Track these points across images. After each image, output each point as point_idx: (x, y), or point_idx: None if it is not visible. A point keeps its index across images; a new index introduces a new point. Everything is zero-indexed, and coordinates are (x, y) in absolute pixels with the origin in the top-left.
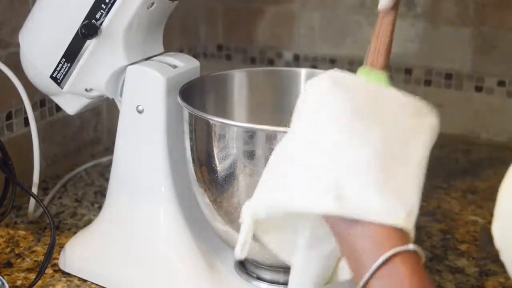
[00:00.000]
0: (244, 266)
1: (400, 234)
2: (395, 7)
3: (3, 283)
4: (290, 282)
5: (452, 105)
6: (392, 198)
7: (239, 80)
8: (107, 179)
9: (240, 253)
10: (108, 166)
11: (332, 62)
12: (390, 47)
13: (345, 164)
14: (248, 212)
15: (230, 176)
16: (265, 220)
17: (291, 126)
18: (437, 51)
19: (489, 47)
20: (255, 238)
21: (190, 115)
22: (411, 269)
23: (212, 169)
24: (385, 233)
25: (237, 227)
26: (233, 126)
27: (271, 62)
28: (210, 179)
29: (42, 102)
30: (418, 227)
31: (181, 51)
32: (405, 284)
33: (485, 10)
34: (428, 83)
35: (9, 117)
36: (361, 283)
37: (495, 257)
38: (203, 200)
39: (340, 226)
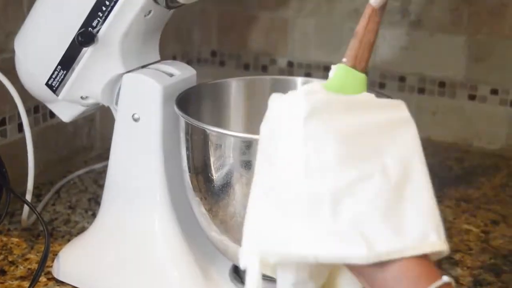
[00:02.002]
0: (238, 274)
1: (429, 263)
2: (383, 8)
3: None
4: None
5: (446, 113)
6: (416, 225)
7: (236, 88)
8: (100, 186)
9: None
10: (101, 172)
11: (326, 69)
12: (371, 51)
13: (357, 208)
14: (257, 257)
15: (226, 185)
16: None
17: (273, 153)
18: (431, 59)
19: (482, 55)
20: None
21: (187, 124)
22: None
23: (208, 178)
24: (417, 268)
25: (232, 236)
26: (230, 136)
27: (265, 69)
28: (206, 188)
29: (36, 108)
30: None
31: (174, 57)
32: None
33: (479, 18)
34: (421, 91)
35: (2, 123)
36: None
37: (489, 266)
38: (199, 209)
39: (369, 272)
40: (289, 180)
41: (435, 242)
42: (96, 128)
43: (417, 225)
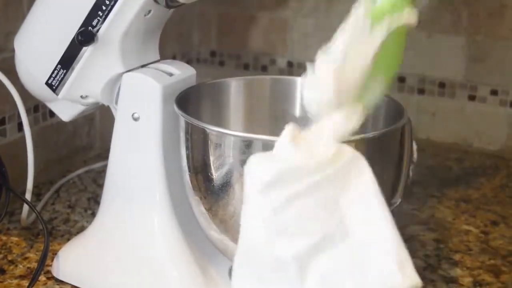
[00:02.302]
0: None
1: None
2: None
3: None
4: None
5: (445, 113)
6: (380, 273)
7: (235, 88)
8: (100, 186)
9: None
10: (101, 172)
11: None
12: None
13: (322, 270)
14: None
15: (226, 185)
16: None
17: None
18: (431, 59)
19: (482, 56)
20: None
21: (187, 123)
22: None
23: (208, 178)
24: None
25: (232, 236)
26: (229, 135)
27: (264, 69)
28: (206, 187)
29: (36, 108)
30: (411, 236)
31: (174, 56)
32: None
33: (478, 19)
34: (421, 91)
35: (2, 122)
36: None
37: (489, 267)
38: (199, 208)
39: None
40: (254, 245)
41: (400, 283)
42: (95, 128)
43: (381, 272)
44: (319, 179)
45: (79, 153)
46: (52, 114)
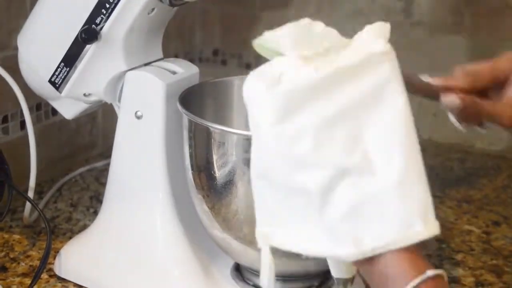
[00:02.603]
0: (240, 273)
1: (415, 256)
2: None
3: None
4: None
5: (447, 114)
6: (400, 216)
7: (239, 86)
8: (102, 184)
9: (268, 284)
10: (103, 170)
11: None
12: None
13: (343, 204)
14: (265, 241)
15: (229, 183)
16: None
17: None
18: (433, 60)
19: (484, 56)
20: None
21: (190, 121)
22: None
23: (211, 176)
24: (400, 263)
25: (234, 234)
26: (233, 133)
27: None
28: (208, 186)
29: (38, 106)
30: None
31: (176, 55)
32: None
33: (480, 19)
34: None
35: (4, 120)
36: None
37: (491, 267)
38: (201, 206)
39: (360, 266)
40: (276, 175)
41: (420, 231)
42: (98, 126)
43: (401, 215)
44: (338, 98)
45: (81, 151)
46: (54, 112)
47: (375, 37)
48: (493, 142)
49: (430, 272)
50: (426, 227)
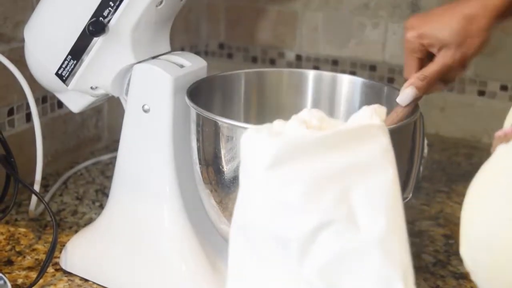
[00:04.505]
0: None
1: None
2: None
3: (5, 282)
4: None
5: (454, 108)
6: (380, 276)
7: (247, 80)
8: (107, 177)
9: None
10: (108, 164)
11: (334, 63)
12: None
13: (323, 257)
14: None
15: (237, 177)
16: None
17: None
18: None
19: (492, 51)
20: None
21: (198, 115)
22: None
23: (219, 170)
24: None
25: None
26: (241, 127)
27: (272, 62)
28: (216, 180)
29: (44, 99)
30: (421, 231)
31: (182, 49)
32: None
33: None
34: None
35: (10, 113)
36: None
37: None
38: (209, 201)
39: None
40: (253, 221)
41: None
42: (103, 119)
43: (381, 273)
44: (333, 157)
45: (87, 144)
46: (60, 105)
47: (372, 114)
48: None
49: None
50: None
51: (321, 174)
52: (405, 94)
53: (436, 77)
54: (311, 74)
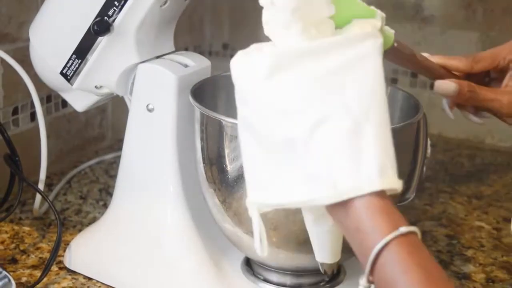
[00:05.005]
0: (251, 267)
1: (389, 206)
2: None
3: (9, 280)
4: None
5: (457, 109)
6: (374, 162)
7: None
8: (111, 177)
9: (260, 249)
10: (112, 163)
11: None
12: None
13: (323, 149)
14: (255, 207)
15: (241, 177)
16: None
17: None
18: (444, 55)
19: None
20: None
21: (202, 115)
22: (407, 251)
23: (222, 170)
24: (378, 213)
25: (246, 228)
26: None
27: None
28: (220, 179)
29: (48, 98)
30: (424, 231)
31: (186, 49)
32: (405, 264)
33: (493, 15)
34: (433, 86)
35: (15, 112)
36: (365, 273)
37: (502, 263)
38: (213, 200)
39: (336, 214)
40: (267, 135)
41: (392, 178)
42: (107, 119)
43: (375, 161)
44: (326, 63)
45: (91, 143)
46: (64, 104)
47: (365, 24)
48: (503, 138)
49: (403, 229)
50: (396, 179)
51: (314, 79)
52: (446, 85)
53: (480, 103)
54: None
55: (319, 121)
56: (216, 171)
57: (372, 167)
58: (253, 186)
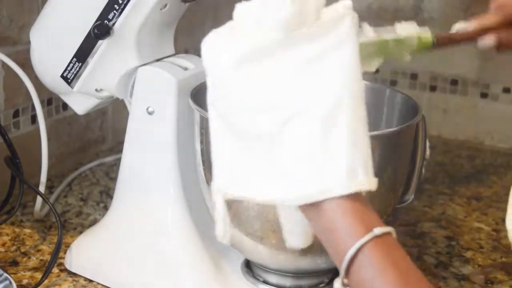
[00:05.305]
0: (251, 269)
1: (363, 207)
2: None
3: (10, 283)
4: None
5: (457, 111)
6: (344, 163)
7: None
8: (112, 179)
9: (223, 235)
10: (113, 165)
11: None
12: None
13: (291, 148)
14: (219, 194)
15: None
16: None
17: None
18: (443, 56)
19: (495, 53)
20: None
21: (201, 117)
22: (382, 253)
23: None
24: (352, 214)
25: (245, 230)
26: None
27: None
28: None
29: (49, 101)
30: (423, 233)
31: (186, 51)
32: (380, 267)
33: None
34: (433, 88)
35: (16, 114)
36: (340, 276)
37: (501, 265)
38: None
39: (309, 216)
40: (234, 122)
41: (363, 181)
42: (108, 121)
43: (343, 162)
44: (300, 51)
45: (91, 146)
46: (65, 107)
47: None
48: (503, 139)
49: (377, 230)
50: (367, 179)
51: (287, 70)
52: (485, 40)
53: None
54: None
55: (289, 117)
56: None
57: (340, 169)
58: (220, 172)
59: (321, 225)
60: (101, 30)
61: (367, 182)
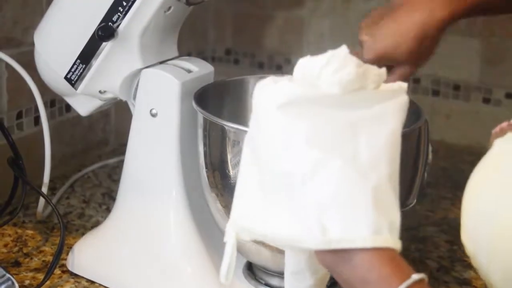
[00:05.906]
0: (252, 272)
1: (397, 258)
2: None
3: (13, 283)
4: None
5: (460, 116)
6: (370, 218)
7: (253, 85)
8: (114, 181)
9: (225, 277)
10: (115, 167)
11: None
12: None
13: (320, 192)
14: (233, 233)
15: None
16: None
17: (256, 137)
18: (445, 61)
19: (497, 58)
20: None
21: (205, 120)
22: None
23: (225, 175)
24: (387, 263)
25: None
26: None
27: (279, 68)
28: (223, 184)
29: (52, 102)
30: (425, 237)
31: (189, 54)
32: None
33: (493, 21)
34: (436, 93)
35: (19, 116)
36: None
37: None
38: (215, 205)
39: (332, 261)
40: (267, 161)
41: (387, 238)
42: (111, 123)
43: (374, 217)
44: (346, 110)
45: (94, 148)
46: (68, 108)
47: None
48: None
49: (416, 276)
50: (392, 237)
51: (330, 118)
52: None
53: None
54: None
55: (324, 162)
56: (219, 176)
57: (367, 225)
58: (239, 209)
59: (349, 274)
60: (105, 32)
61: (393, 241)
